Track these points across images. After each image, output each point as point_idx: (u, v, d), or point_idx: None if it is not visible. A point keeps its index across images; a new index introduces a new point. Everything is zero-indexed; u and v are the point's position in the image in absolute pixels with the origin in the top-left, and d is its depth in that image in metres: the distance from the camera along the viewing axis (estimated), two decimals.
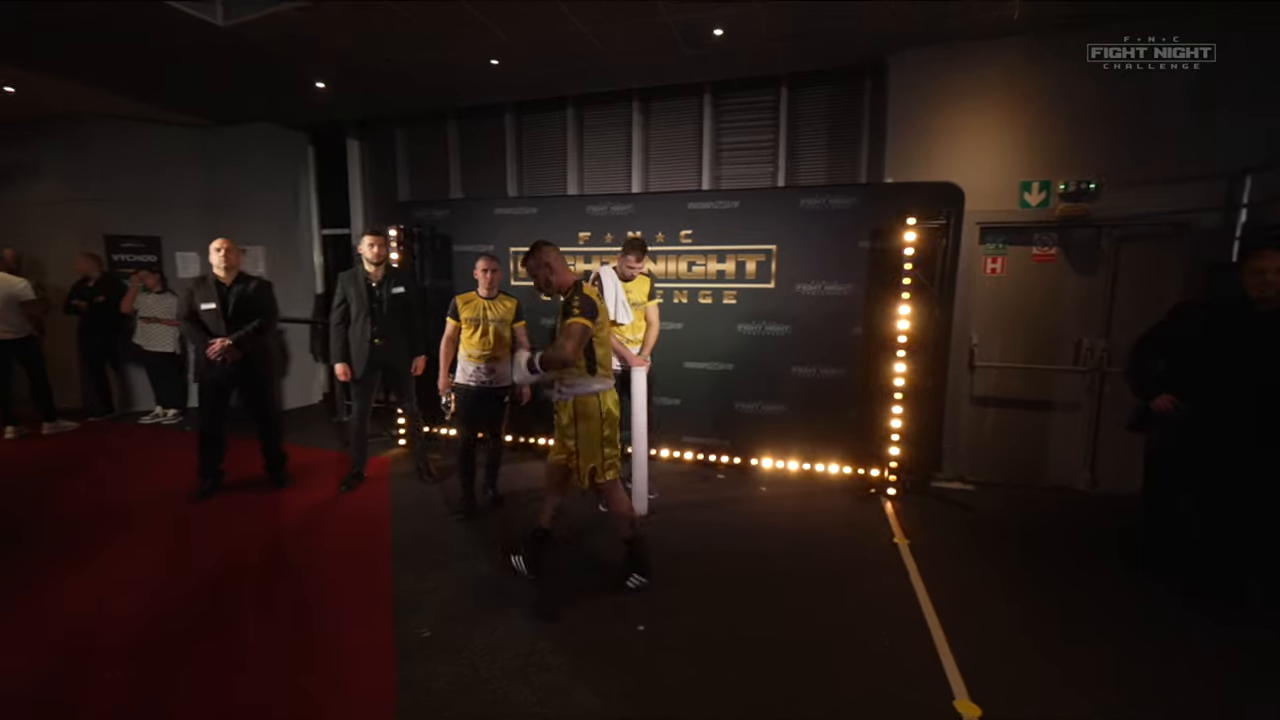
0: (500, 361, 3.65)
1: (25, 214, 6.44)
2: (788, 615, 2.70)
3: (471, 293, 3.71)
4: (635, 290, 3.72)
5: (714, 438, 4.69)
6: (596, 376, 2.71)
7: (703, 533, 3.54)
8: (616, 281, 3.62)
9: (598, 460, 2.71)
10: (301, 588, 2.89)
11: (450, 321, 3.71)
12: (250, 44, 4.35)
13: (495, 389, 3.70)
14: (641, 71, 5.11)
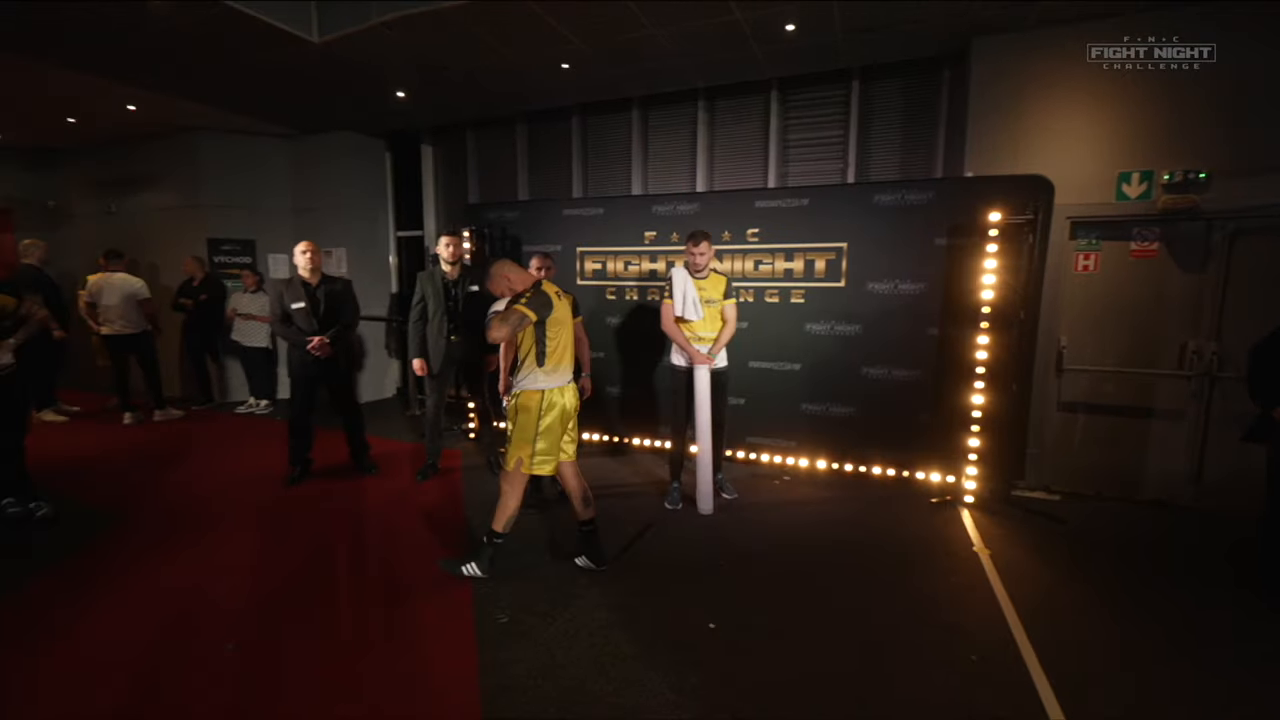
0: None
1: (144, 220, 7.10)
2: (864, 622, 2.63)
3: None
4: (710, 288, 3.70)
5: (780, 439, 4.63)
6: (544, 371, 2.81)
7: (771, 534, 3.51)
8: (687, 279, 3.64)
9: (526, 451, 2.81)
10: (386, 569, 3.06)
11: None
12: (340, 58, 4.62)
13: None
14: (708, 70, 5.11)
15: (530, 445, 2.81)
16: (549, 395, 2.83)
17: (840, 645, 2.46)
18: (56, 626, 2.54)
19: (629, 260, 5.01)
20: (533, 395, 2.82)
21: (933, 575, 3.03)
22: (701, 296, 3.66)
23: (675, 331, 3.70)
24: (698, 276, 3.70)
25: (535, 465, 2.83)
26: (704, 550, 3.30)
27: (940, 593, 2.87)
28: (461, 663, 2.31)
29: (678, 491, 3.93)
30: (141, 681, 2.20)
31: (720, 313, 3.74)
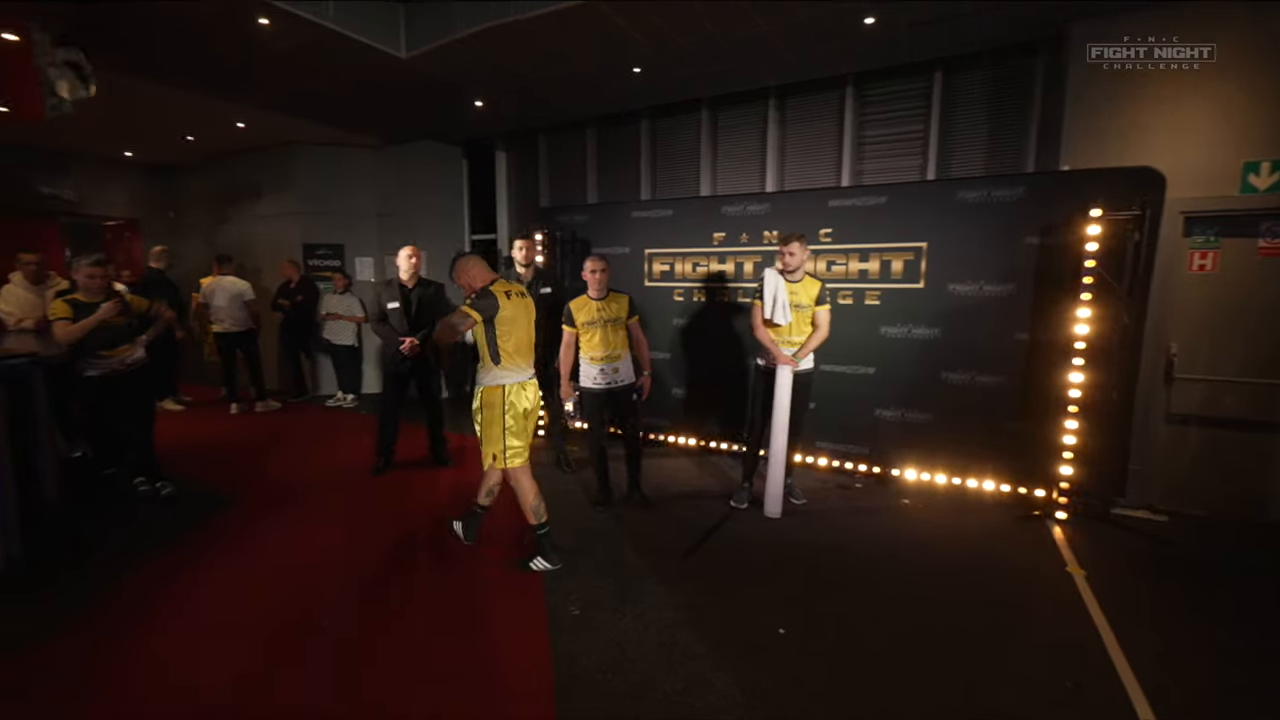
0: (622, 360, 3.69)
1: (248, 227, 7.75)
2: (940, 635, 2.52)
3: (583, 296, 3.69)
4: (802, 292, 3.64)
5: (852, 444, 4.49)
6: (501, 368, 2.87)
7: (841, 540, 3.41)
8: (779, 282, 3.61)
9: (498, 448, 2.90)
10: (463, 557, 3.20)
11: (567, 329, 3.68)
12: (424, 72, 4.87)
13: (621, 388, 3.71)
14: (780, 68, 5.03)
15: (501, 441, 2.90)
16: (511, 391, 2.90)
17: (916, 658, 2.37)
18: (185, 590, 2.82)
19: (697, 261, 5.00)
20: (494, 391, 2.89)
21: (1020, 593, 2.86)
22: (792, 300, 3.61)
23: (762, 333, 3.68)
24: (790, 279, 3.64)
25: (509, 459, 2.91)
26: (771, 553, 3.26)
27: (1029, 612, 2.71)
28: (535, 651, 2.38)
29: (746, 492, 3.90)
30: (250, 643, 2.41)
31: (812, 318, 3.67)
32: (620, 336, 3.68)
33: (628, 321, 3.70)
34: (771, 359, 3.66)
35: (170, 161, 8.41)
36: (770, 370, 3.69)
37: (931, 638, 2.51)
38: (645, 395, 3.79)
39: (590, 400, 3.76)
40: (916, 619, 2.64)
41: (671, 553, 3.24)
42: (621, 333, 3.69)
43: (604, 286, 3.68)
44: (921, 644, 2.46)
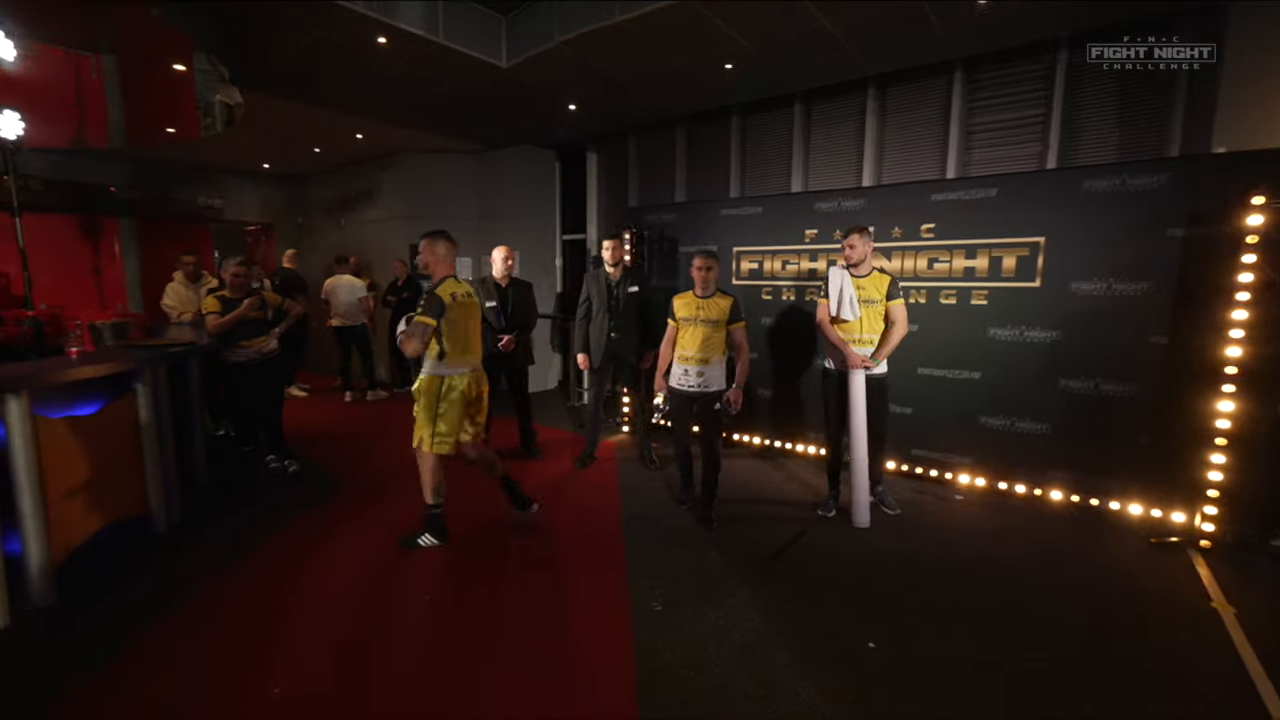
0: (710, 365, 3.48)
1: (363, 230, 8.44)
2: (1060, 670, 2.30)
3: (688, 292, 3.60)
4: (870, 287, 3.48)
5: (952, 453, 4.21)
6: (445, 362, 3.06)
7: (938, 555, 3.21)
8: (845, 277, 3.46)
9: (427, 431, 3.06)
10: (550, 546, 3.31)
11: (670, 323, 3.65)
12: (523, 79, 5.08)
13: (705, 394, 3.50)
14: (881, 58, 4.79)
15: (430, 426, 3.06)
16: (448, 380, 3.07)
17: (1026, 688, 2.18)
18: (314, 553, 3.13)
19: (787, 259, 4.88)
20: (433, 380, 3.09)
21: (1154, 627, 2.56)
22: (860, 296, 3.45)
23: (830, 332, 3.53)
24: (858, 275, 3.49)
25: (436, 445, 3.06)
26: (860, 564, 3.12)
27: (1164, 648, 2.41)
28: (617, 643, 2.43)
29: (833, 500, 3.76)
30: (354, 611, 2.62)
31: (884, 314, 3.49)
32: (716, 340, 3.47)
33: (729, 326, 3.47)
34: (842, 361, 3.50)
35: (300, 171, 9.32)
36: (840, 373, 3.53)
37: (1046, 667, 2.30)
38: (735, 409, 3.43)
39: (675, 399, 3.66)
40: (1026, 644, 2.43)
41: (755, 556, 3.19)
42: (719, 337, 3.47)
43: (709, 285, 3.52)
44: (1034, 672, 2.27)
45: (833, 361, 3.61)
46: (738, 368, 3.48)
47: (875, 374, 3.51)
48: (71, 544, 2.83)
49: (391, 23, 4.09)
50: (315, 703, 2.09)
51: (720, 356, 3.53)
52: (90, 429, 2.97)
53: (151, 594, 2.78)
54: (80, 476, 2.89)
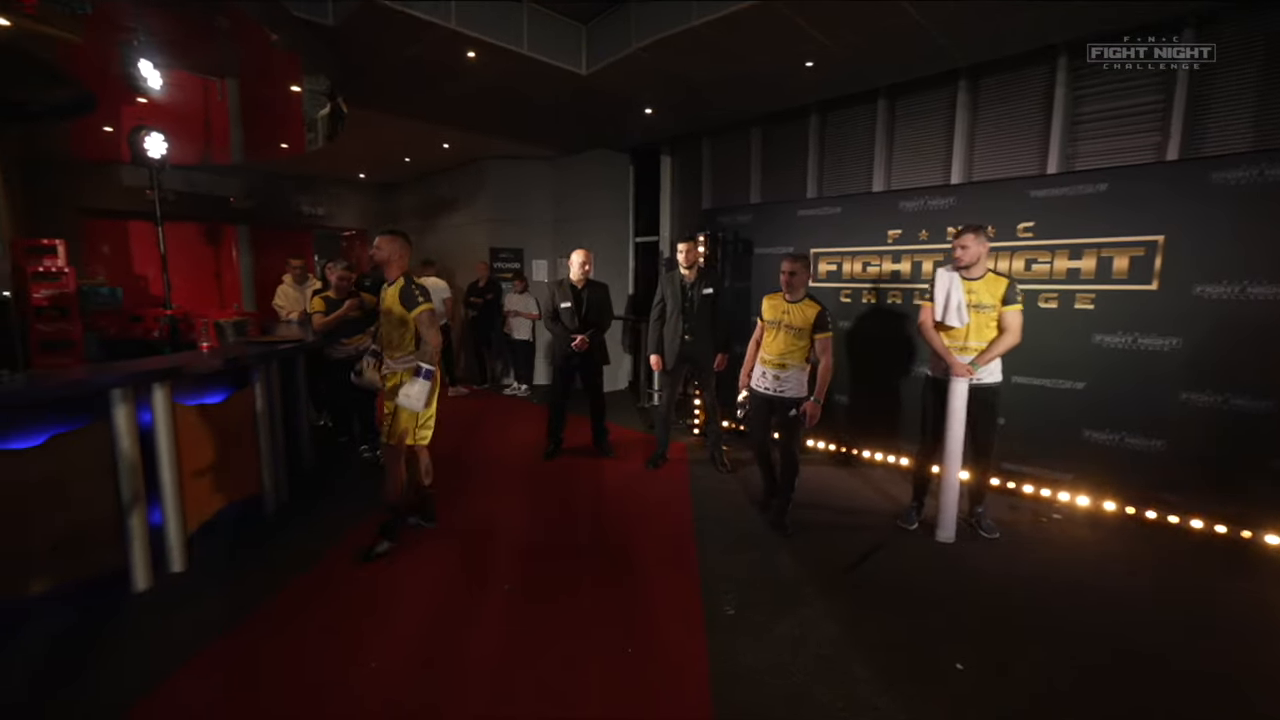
0: (789, 371, 3.43)
1: (447, 234, 8.89)
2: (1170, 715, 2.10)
3: (778, 294, 3.56)
4: (983, 291, 3.23)
5: (1049, 469, 3.92)
6: (418, 354, 3.07)
7: (1033, 577, 2.99)
8: (953, 280, 3.26)
9: (412, 424, 3.16)
10: (622, 543, 3.36)
11: (759, 321, 3.64)
12: (601, 86, 5.20)
13: (782, 399, 3.45)
14: (977, 48, 4.54)
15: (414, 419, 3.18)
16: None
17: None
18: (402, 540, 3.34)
19: (868, 261, 4.72)
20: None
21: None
22: (971, 300, 3.23)
23: (933, 337, 3.33)
24: (968, 277, 3.27)
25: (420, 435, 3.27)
26: (943, 580, 2.97)
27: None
28: (692, 645, 2.43)
29: (915, 512, 3.60)
30: (451, 592, 2.77)
31: (997, 320, 3.24)
32: (798, 348, 3.41)
33: (814, 335, 3.37)
34: (945, 369, 3.32)
35: (392, 180, 9.95)
36: (942, 380, 3.34)
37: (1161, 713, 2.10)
38: (810, 422, 3.34)
39: (754, 400, 3.63)
40: (1135, 685, 2.23)
41: (831, 565, 3.10)
42: (801, 344, 3.40)
43: (797, 289, 3.44)
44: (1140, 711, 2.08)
45: (934, 368, 3.43)
46: (819, 379, 3.38)
47: (984, 383, 3.27)
48: (201, 518, 3.17)
49: (481, 37, 4.29)
50: (404, 678, 2.23)
51: (800, 363, 3.46)
52: (216, 416, 3.31)
53: (266, 568, 3.06)
54: (208, 459, 3.22)
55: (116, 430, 2.66)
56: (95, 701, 2.11)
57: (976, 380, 3.25)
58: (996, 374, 3.32)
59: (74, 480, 2.59)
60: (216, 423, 3.30)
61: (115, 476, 2.67)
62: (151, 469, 2.82)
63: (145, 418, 2.79)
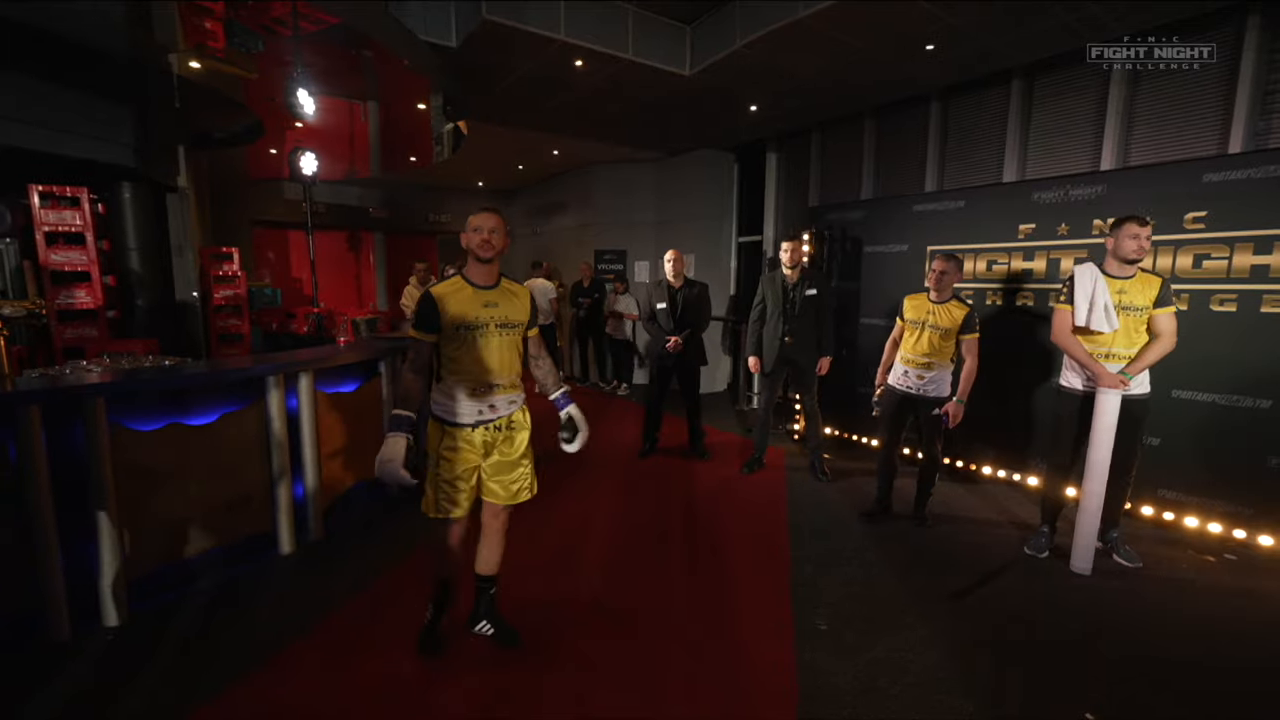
0: (934, 370, 3.38)
1: (555, 237, 9.29)
2: None
3: (922, 294, 3.48)
4: (1134, 292, 2.84)
5: (1221, 500, 3.35)
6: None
7: (1192, 623, 2.57)
8: (1098, 279, 2.89)
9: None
10: (714, 547, 3.32)
11: (898, 321, 3.59)
12: (705, 84, 5.17)
13: (925, 398, 3.41)
14: (1135, 16, 3.97)
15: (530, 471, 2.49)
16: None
17: None
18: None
19: (993, 259, 4.29)
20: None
21: None
22: (1120, 301, 2.85)
23: (1073, 344, 2.97)
24: (1118, 275, 2.89)
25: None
26: (1072, 616, 2.63)
27: None
28: (779, 656, 2.35)
29: (1046, 538, 3.22)
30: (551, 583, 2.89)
31: (1146, 324, 2.86)
32: (945, 347, 3.36)
33: (961, 336, 3.31)
34: (1088, 379, 2.94)
35: (506, 187, 10.57)
36: (1085, 394, 2.96)
37: None
38: (953, 423, 3.32)
39: (888, 398, 3.57)
40: None
41: (941, 589, 2.86)
42: (948, 345, 3.36)
43: (945, 289, 3.39)
44: None
45: (1074, 378, 3.07)
46: (962, 380, 3.30)
47: (1133, 395, 2.89)
48: (335, 494, 3.55)
49: (588, 45, 4.43)
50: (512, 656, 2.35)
51: (947, 363, 3.40)
52: (349, 403, 3.69)
53: (389, 541, 3.38)
54: (341, 441, 3.61)
55: (270, 412, 3.05)
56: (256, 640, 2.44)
57: (1126, 392, 2.85)
58: (1146, 385, 2.91)
59: (238, 453, 3.01)
60: (349, 409, 3.68)
61: (268, 452, 3.07)
62: (296, 447, 3.21)
63: (292, 403, 3.18)
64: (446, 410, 2.18)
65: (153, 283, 5.28)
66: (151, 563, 2.70)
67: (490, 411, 2.22)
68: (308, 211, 5.12)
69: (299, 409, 3.21)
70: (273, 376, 3.04)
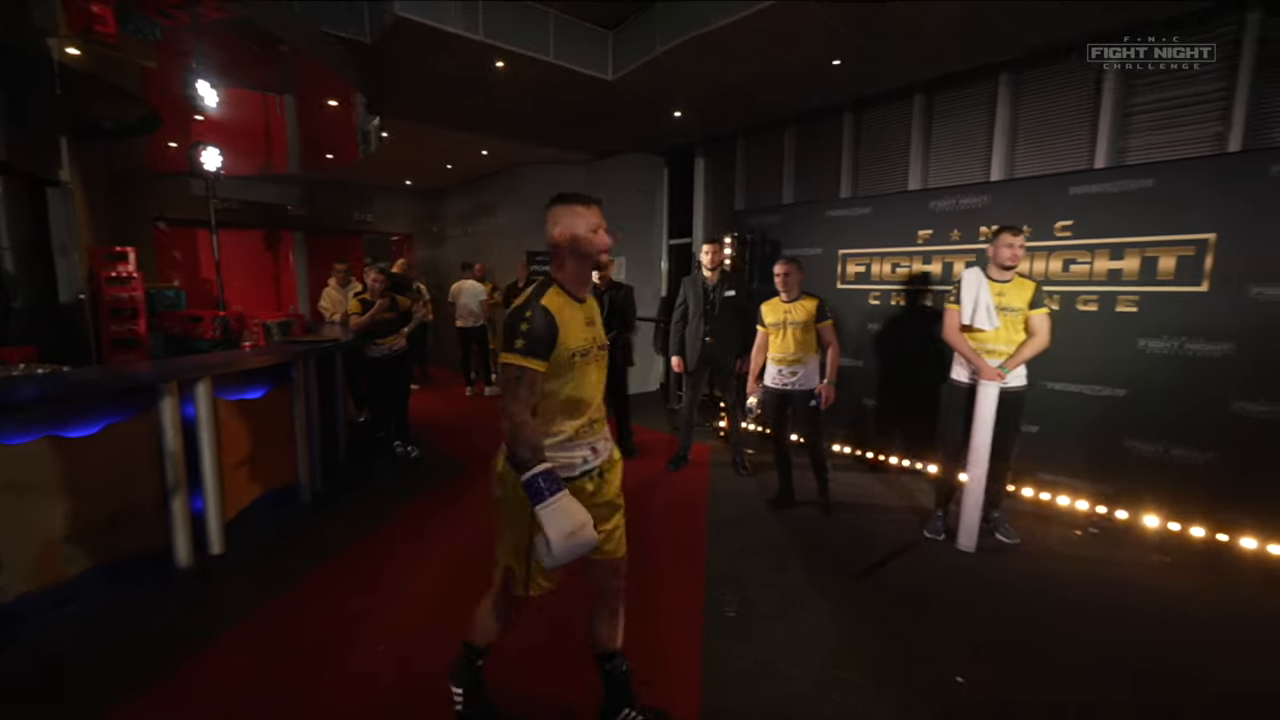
0: (803, 364, 3.67)
1: (486, 238, 9.16)
2: None
3: (775, 298, 3.78)
4: (1012, 295, 3.14)
5: (1086, 480, 3.72)
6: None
7: (1062, 593, 2.85)
8: (981, 282, 3.18)
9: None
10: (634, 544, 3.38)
11: (760, 329, 3.84)
12: (628, 90, 5.26)
13: (799, 392, 3.69)
14: (1017, 38, 4.34)
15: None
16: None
17: None
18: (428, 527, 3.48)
19: (897, 262, 4.59)
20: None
21: None
22: (999, 303, 3.14)
23: (960, 341, 3.24)
24: (998, 280, 3.19)
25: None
26: (959, 592, 2.86)
27: None
28: (687, 644, 2.44)
29: (941, 521, 3.48)
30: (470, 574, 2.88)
31: (1023, 323, 3.16)
32: (807, 340, 3.66)
33: (818, 325, 3.64)
34: (973, 373, 3.21)
35: (436, 187, 10.33)
36: (971, 386, 3.23)
37: None
38: (825, 404, 3.61)
39: (769, 399, 3.84)
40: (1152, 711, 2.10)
41: (842, 571, 3.05)
42: (809, 337, 3.66)
43: (793, 288, 3.70)
44: None
45: (961, 372, 3.33)
46: (828, 363, 3.61)
47: (1010, 387, 3.17)
48: (239, 505, 3.39)
49: (508, 47, 4.43)
50: (406, 663, 2.33)
51: (813, 355, 3.68)
52: (256, 411, 3.54)
53: (297, 552, 3.25)
54: (247, 450, 3.45)
55: (162, 421, 2.89)
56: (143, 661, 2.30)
57: (1004, 384, 3.13)
58: (1023, 378, 3.20)
59: (124, 466, 2.83)
60: (256, 416, 3.53)
61: (160, 464, 2.90)
62: (194, 458, 3.04)
63: (189, 411, 3.02)
64: None
65: (30, 285, 4.85)
66: (21, 587, 2.51)
67: (594, 456, 1.80)
68: (211, 209, 4.84)
69: (196, 417, 3.05)
70: (164, 384, 2.88)
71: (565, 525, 1.49)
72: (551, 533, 1.49)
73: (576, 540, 1.50)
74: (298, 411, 3.86)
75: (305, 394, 3.92)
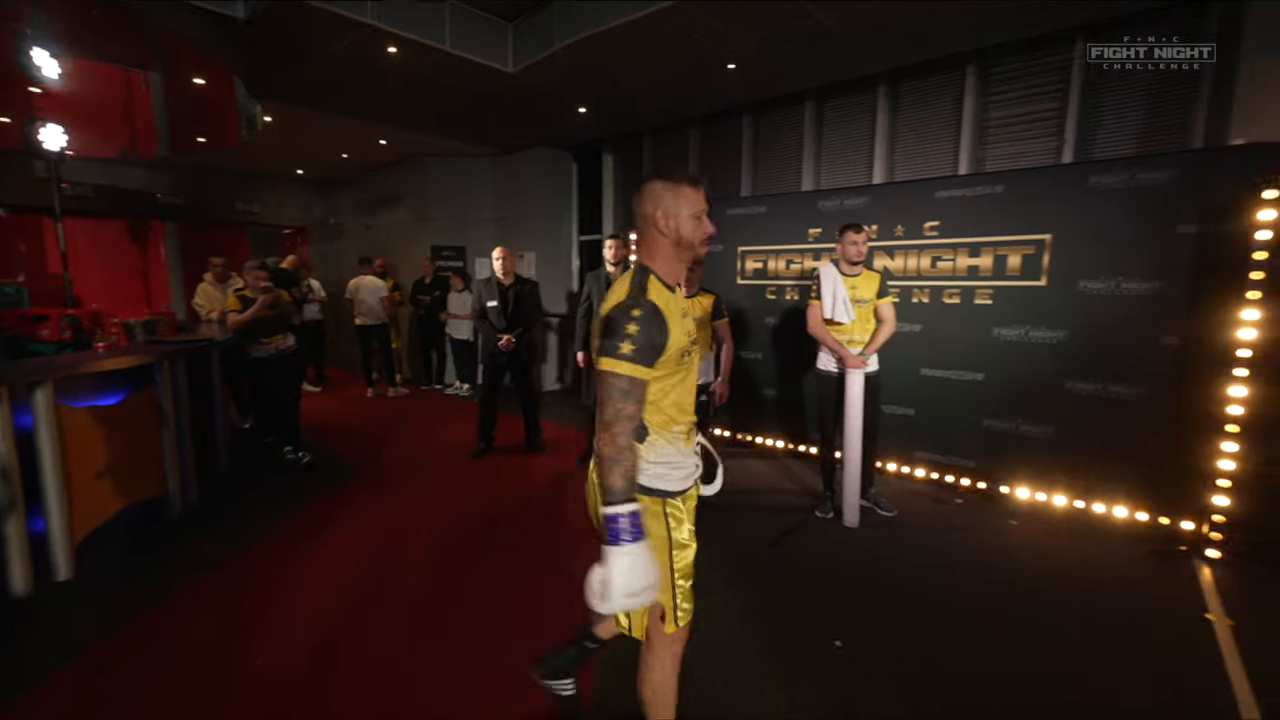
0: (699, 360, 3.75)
1: (389, 231, 8.73)
2: (1026, 681, 2.25)
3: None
4: (863, 286, 3.46)
5: (953, 456, 4.12)
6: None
7: (932, 560, 3.15)
8: (837, 278, 3.45)
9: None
10: (534, 537, 3.39)
11: None
12: (530, 83, 5.20)
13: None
14: (892, 52, 4.71)
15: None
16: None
17: (990, 697, 2.14)
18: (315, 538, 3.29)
19: (790, 259, 4.85)
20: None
21: (1138, 639, 2.47)
22: (853, 295, 3.43)
23: (824, 334, 3.51)
24: (849, 274, 3.48)
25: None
26: (845, 565, 3.10)
27: (1145, 663, 2.33)
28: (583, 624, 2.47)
29: (830, 501, 3.73)
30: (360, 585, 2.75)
31: (874, 312, 3.48)
32: (703, 336, 3.67)
33: (714, 322, 3.68)
34: (839, 361, 3.48)
35: (331, 177, 9.72)
36: (839, 374, 3.51)
37: (1013, 678, 2.25)
38: (720, 400, 3.69)
39: None
40: (1002, 655, 2.38)
41: (739, 554, 3.20)
42: (705, 333, 3.68)
43: (692, 284, 3.69)
44: (1001, 683, 2.22)
45: (828, 362, 3.59)
46: (723, 361, 3.67)
47: (870, 371, 3.48)
48: (93, 523, 3.06)
49: (401, 33, 4.25)
50: (289, 680, 2.21)
51: (707, 351, 3.72)
52: (112, 418, 3.19)
53: (162, 571, 2.98)
54: (102, 461, 3.11)
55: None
56: None
57: (865, 369, 3.42)
58: (876, 363, 3.53)
59: None
60: (112, 424, 3.19)
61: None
62: (33, 472, 2.71)
63: (24, 420, 2.69)
64: (664, 476, 1.52)
65: None
66: None
67: (694, 466, 1.61)
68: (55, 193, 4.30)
69: (35, 427, 2.72)
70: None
71: (637, 582, 1.30)
72: (619, 580, 1.29)
73: (637, 600, 1.31)
74: (164, 417, 3.52)
75: (173, 398, 3.58)
